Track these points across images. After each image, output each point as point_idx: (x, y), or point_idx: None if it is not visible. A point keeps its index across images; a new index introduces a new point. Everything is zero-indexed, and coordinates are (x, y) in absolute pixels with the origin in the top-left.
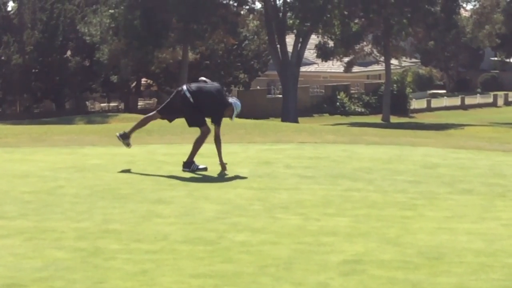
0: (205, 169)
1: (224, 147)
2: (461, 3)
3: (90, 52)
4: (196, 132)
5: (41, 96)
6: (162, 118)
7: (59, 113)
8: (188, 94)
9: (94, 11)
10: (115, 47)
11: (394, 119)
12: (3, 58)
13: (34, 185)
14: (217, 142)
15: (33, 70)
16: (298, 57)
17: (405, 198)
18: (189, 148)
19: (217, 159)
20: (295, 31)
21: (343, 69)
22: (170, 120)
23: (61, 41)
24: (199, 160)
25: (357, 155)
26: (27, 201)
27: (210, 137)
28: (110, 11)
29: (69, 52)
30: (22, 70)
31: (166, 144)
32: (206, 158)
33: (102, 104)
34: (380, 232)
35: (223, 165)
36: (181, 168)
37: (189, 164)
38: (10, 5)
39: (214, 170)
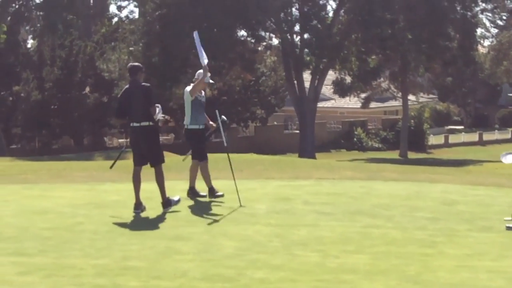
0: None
1: (242, 183)
2: (479, 40)
3: (108, 88)
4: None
5: (60, 132)
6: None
7: (77, 149)
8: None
9: (112, 48)
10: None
11: (411, 155)
12: (22, 94)
13: (53, 221)
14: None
15: (52, 106)
16: (315, 93)
17: (425, 235)
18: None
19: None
20: (312, 67)
21: (360, 104)
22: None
23: (80, 78)
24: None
25: (376, 192)
26: (46, 238)
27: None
28: (129, 48)
29: (87, 89)
30: (41, 106)
31: (184, 181)
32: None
33: (120, 140)
34: (400, 270)
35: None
36: (200, 204)
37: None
38: (30, 42)
39: (231, 206)
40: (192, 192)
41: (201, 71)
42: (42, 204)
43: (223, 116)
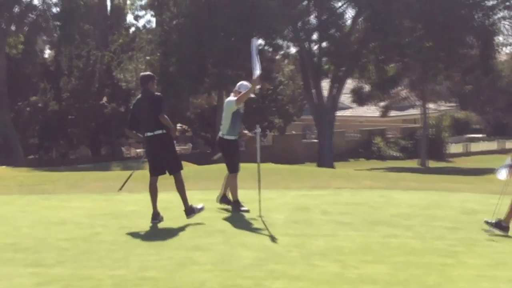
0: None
1: (260, 193)
2: (498, 48)
3: (125, 98)
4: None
5: (77, 142)
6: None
7: (95, 159)
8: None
9: (130, 58)
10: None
11: (431, 164)
12: (40, 105)
13: (71, 232)
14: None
15: (69, 117)
16: (334, 102)
17: (444, 245)
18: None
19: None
20: (330, 76)
21: (379, 113)
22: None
23: (97, 88)
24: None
25: (395, 201)
26: (64, 248)
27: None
28: (146, 57)
29: (105, 99)
30: (59, 117)
31: (202, 190)
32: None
33: (137, 150)
34: (419, 280)
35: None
36: (218, 214)
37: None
38: (47, 53)
39: (249, 215)
40: (223, 199)
41: (244, 82)
42: (59, 214)
43: (258, 128)
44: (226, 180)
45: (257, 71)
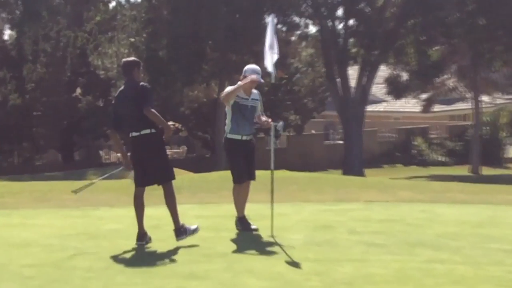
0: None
1: (273, 208)
2: None
3: (104, 90)
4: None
5: (45, 145)
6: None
7: (66, 166)
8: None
9: (109, 40)
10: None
11: (485, 171)
12: None
13: (37, 256)
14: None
15: (35, 113)
16: (363, 94)
17: (502, 272)
18: (227, 208)
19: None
20: (359, 61)
21: (420, 108)
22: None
23: (69, 77)
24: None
25: (440, 217)
26: (29, 277)
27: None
28: (130, 39)
29: (78, 90)
30: (21, 113)
31: (199, 204)
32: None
33: (118, 154)
34: None
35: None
36: (219, 233)
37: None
38: (7, 34)
39: (259, 235)
40: (241, 223)
41: (251, 66)
42: (22, 234)
43: (281, 122)
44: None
45: (275, 55)
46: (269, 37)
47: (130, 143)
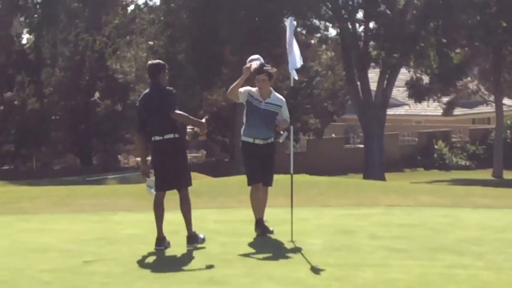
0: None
1: (292, 212)
2: None
3: (123, 94)
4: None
5: (63, 150)
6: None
7: (85, 171)
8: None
9: (128, 43)
10: None
11: (508, 175)
12: (16, 102)
13: (55, 261)
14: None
15: (53, 117)
16: (384, 97)
17: None
18: (246, 213)
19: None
20: (379, 64)
21: (441, 111)
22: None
23: (88, 81)
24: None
25: (462, 222)
26: (47, 282)
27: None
28: (148, 42)
29: (97, 94)
30: (40, 117)
31: (218, 209)
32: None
33: (138, 159)
34: None
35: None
36: (238, 238)
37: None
38: (25, 37)
39: (278, 240)
40: (261, 226)
41: (253, 57)
42: (41, 239)
43: (285, 132)
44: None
45: (295, 57)
46: (288, 40)
47: (152, 147)
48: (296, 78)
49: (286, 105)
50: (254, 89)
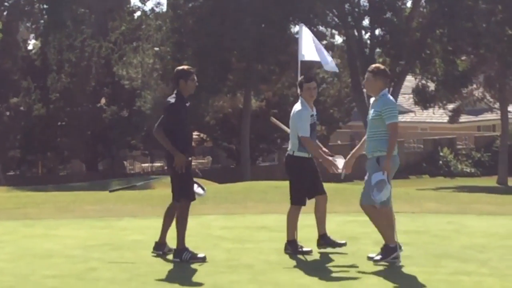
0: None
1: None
2: None
3: (129, 100)
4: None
5: (69, 155)
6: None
7: (90, 177)
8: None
9: (134, 50)
10: (161, 93)
11: None
12: (22, 108)
13: (60, 267)
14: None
15: (59, 123)
16: None
17: None
18: (252, 219)
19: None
20: None
21: (447, 118)
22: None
23: (94, 87)
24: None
25: (467, 229)
26: None
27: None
28: (155, 49)
29: (103, 101)
30: (46, 123)
31: (224, 215)
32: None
33: (144, 165)
34: None
35: None
36: (243, 245)
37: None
38: (32, 43)
39: (282, 247)
40: (324, 240)
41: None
42: (46, 245)
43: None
44: (315, 212)
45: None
46: (314, 43)
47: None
48: (337, 70)
49: None
50: (306, 104)
